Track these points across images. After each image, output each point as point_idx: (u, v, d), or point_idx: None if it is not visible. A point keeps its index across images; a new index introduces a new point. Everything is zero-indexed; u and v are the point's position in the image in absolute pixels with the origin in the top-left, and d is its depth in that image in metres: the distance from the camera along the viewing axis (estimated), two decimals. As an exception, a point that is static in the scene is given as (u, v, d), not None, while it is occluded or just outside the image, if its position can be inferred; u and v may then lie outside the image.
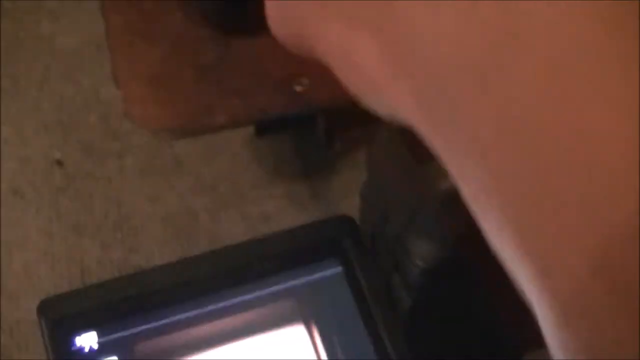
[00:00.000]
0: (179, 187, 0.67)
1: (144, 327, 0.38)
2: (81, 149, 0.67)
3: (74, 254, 0.64)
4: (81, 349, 0.38)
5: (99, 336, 0.38)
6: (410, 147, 0.37)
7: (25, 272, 0.63)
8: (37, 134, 0.68)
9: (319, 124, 0.60)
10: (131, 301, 0.39)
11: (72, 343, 0.38)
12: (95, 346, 0.38)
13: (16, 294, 0.61)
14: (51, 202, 0.66)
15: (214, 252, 0.40)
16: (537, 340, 0.40)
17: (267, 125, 0.62)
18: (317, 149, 0.66)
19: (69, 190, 0.66)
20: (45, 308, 0.39)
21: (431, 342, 0.38)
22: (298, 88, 0.51)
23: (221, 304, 0.39)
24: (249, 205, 0.65)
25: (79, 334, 0.38)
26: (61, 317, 0.39)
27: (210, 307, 0.38)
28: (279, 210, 0.65)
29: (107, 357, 0.38)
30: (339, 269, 0.39)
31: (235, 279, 0.39)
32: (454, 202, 0.36)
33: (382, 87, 0.28)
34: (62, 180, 0.67)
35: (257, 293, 0.39)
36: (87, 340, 0.38)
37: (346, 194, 0.61)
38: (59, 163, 0.67)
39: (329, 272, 0.39)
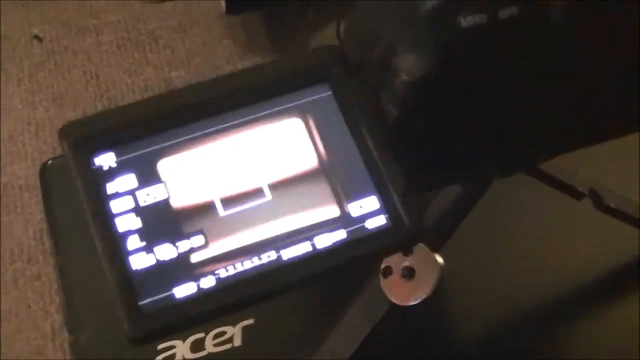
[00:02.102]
0: (155, 60, 0.70)
1: (157, 146, 0.42)
2: (59, 26, 0.70)
3: (56, 122, 0.67)
4: (100, 167, 0.42)
5: (117, 155, 0.42)
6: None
7: (10, 139, 0.65)
8: (15, 10, 0.70)
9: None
10: (146, 123, 0.42)
11: (92, 163, 0.42)
12: (114, 165, 0.42)
13: (3, 160, 0.64)
14: (32, 75, 0.68)
15: (215, 79, 0.44)
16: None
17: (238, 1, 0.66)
18: (288, 21, 0.69)
19: (48, 63, 0.69)
20: (67, 131, 0.42)
21: (420, 154, 0.43)
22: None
23: (221, 126, 0.42)
24: (223, 76, 0.69)
25: (98, 155, 0.42)
26: (81, 138, 0.42)
27: (213, 129, 0.42)
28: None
29: (124, 174, 0.41)
30: (328, 92, 0.43)
31: (240, 101, 0.43)
32: (439, 19, 0.40)
33: None
34: (41, 54, 0.69)
35: (254, 115, 0.42)
36: (106, 160, 0.42)
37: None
38: (38, 38, 0.69)
39: (320, 96, 0.43)
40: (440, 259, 0.52)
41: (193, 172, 0.42)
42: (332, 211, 0.42)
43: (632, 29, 0.41)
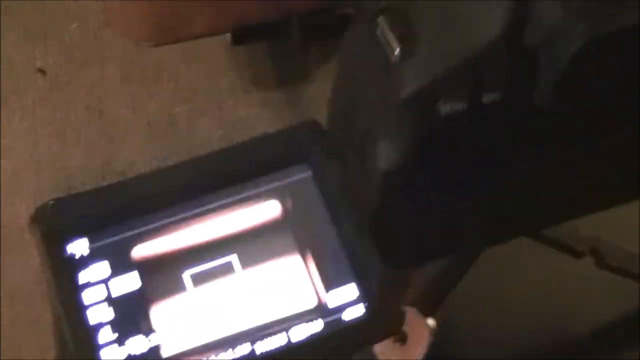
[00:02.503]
0: (159, 94, 0.69)
1: (131, 232, 0.41)
2: (63, 58, 0.69)
3: (58, 160, 0.66)
4: (72, 255, 0.41)
5: (90, 242, 0.41)
6: (380, 51, 0.39)
7: (11, 177, 0.65)
8: (19, 43, 0.69)
9: (294, 31, 0.62)
10: (121, 208, 0.41)
11: (64, 250, 0.41)
12: (86, 252, 0.41)
13: (3, 199, 0.63)
14: (34, 110, 0.68)
15: (191, 160, 0.43)
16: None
17: (244, 33, 0.64)
18: (292, 56, 0.67)
19: (51, 98, 0.68)
20: (38, 216, 0.41)
21: (397, 240, 0.41)
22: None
23: (198, 210, 0.41)
24: (225, 111, 0.68)
25: (70, 241, 0.41)
26: (52, 225, 0.41)
27: (189, 213, 0.41)
28: (254, 117, 0.67)
29: (97, 262, 0.41)
30: (308, 173, 0.42)
31: (210, 186, 0.42)
32: (416, 107, 0.38)
33: None
34: (44, 88, 0.68)
35: (232, 198, 0.41)
36: (79, 247, 0.41)
37: (320, 101, 0.63)
38: (41, 71, 0.69)
39: (299, 177, 0.42)
40: (432, 323, 0.51)
41: (167, 259, 0.41)
42: (310, 301, 0.41)
43: (621, 108, 0.39)
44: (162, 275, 0.40)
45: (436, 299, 0.51)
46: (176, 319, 0.40)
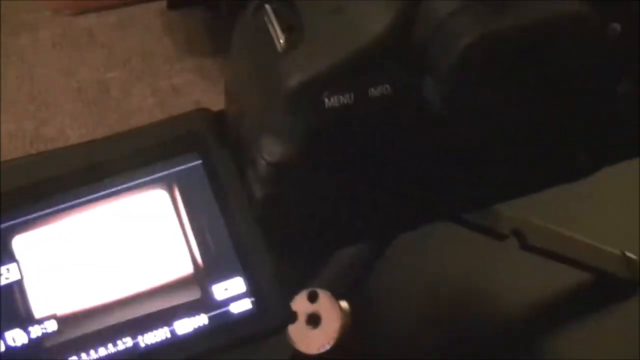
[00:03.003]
0: (92, 60, 0.67)
1: (12, 222, 0.40)
2: (-7, 22, 0.67)
3: (-13, 127, 0.65)
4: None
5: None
6: (268, 40, 0.38)
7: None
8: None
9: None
10: (6, 196, 0.40)
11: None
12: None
13: None
14: (-38, 75, 0.66)
15: (77, 146, 0.41)
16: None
17: (179, -1, 0.62)
18: (228, 24, 0.66)
19: (-19, 63, 0.67)
20: None
21: (287, 233, 0.40)
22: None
23: (90, 196, 0.40)
24: (159, 78, 0.66)
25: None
26: None
27: (73, 202, 0.40)
28: (188, 84, 0.66)
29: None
30: (197, 162, 0.41)
31: (101, 172, 0.40)
32: (301, 99, 0.37)
33: None
34: (-27, 53, 0.67)
35: (118, 186, 0.40)
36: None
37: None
38: (-30, 36, 0.67)
39: (188, 165, 0.40)
40: (346, 306, 0.50)
41: (49, 250, 0.39)
42: (193, 293, 0.39)
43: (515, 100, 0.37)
44: (44, 265, 0.39)
45: (350, 282, 0.50)
46: (57, 311, 0.39)
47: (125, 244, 0.40)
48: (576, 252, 0.53)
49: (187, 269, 0.40)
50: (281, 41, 0.37)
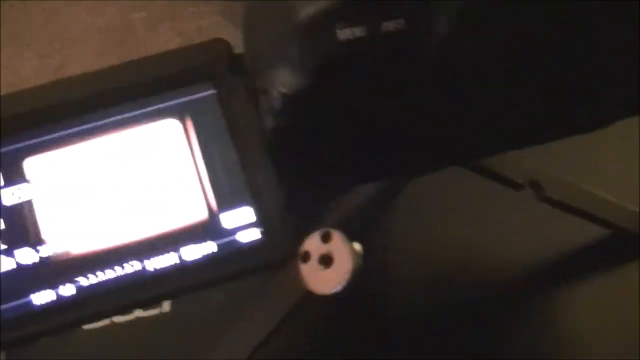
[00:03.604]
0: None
1: (26, 143, 0.40)
2: (21, -43, 0.67)
3: (12, 61, 0.65)
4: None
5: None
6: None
7: (-36, 79, 0.64)
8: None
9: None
10: (15, 118, 0.40)
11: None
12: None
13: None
14: (-9, 9, 0.66)
15: (95, 72, 0.41)
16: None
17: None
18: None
19: (8, -2, 0.67)
20: None
21: (297, 165, 0.40)
22: None
23: (102, 122, 0.40)
24: (185, 20, 0.66)
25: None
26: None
27: (87, 125, 0.40)
28: (215, 26, 0.65)
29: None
30: (212, 91, 0.40)
31: (115, 98, 0.40)
32: (314, 29, 0.37)
33: None
34: (2, -12, 0.67)
35: (133, 112, 0.40)
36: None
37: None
38: (0, -30, 0.67)
39: (202, 94, 0.40)
40: (358, 247, 0.50)
41: (61, 173, 0.40)
42: (202, 221, 0.39)
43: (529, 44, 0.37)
44: (54, 188, 0.40)
45: (363, 223, 0.50)
46: (66, 232, 0.39)
47: (136, 171, 0.40)
48: (593, 206, 0.53)
49: (197, 197, 0.40)
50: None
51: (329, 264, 0.50)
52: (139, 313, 0.57)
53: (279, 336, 0.51)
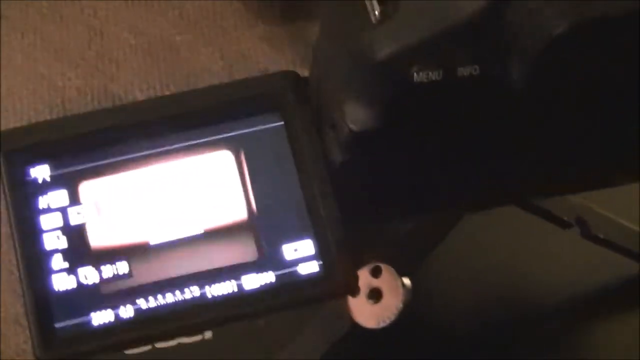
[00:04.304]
0: (162, 21, 0.68)
1: (93, 164, 0.40)
2: (68, -24, 0.68)
3: (55, 80, 0.65)
4: (34, 180, 0.40)
5: (51, 169, 0.40)
6: (361, 10, 0.38)
7: (7, 96, 0.64)
8: (25, -43, 0.68)
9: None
10: (85, 138, 0.41)
11: (26, 173, 0.40)
12: (48, 178, 0.40)
13: (-2, 116, 0.63)
14: (36, 28, 0.67)
15: (162, 97, 0.42)
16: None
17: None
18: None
19: (54, 17, 0.67)
20: (3, 139, 0.41)
21: (362, 199, 0.41)
22: None
23: (164, 148, 0.41)
24: (229, 43, 0.66)
25: (33, 166, 0.40)
26: (17, 148, 0.41)
27: (153, 151, 0.40)
28: (257, 51, 0.66)
29: (57, 189, 0.40)
30: (280, 123, 0.41)
31: (180, 125, 0.41)
32: (390, 70, 0.37)
33: None
34: (48, 7, 0.67)
35: (198, 140, 0.41)
36: (41, 172, 0.40)
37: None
38: (46, -12, 0.68)
39: (269, 126, 0.41)
40: (408, 283, 0.50)
41: (127, 195, 0.40)
42: (262, 252, 0.40)
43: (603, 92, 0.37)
44: (118, 211, 0.40)
45: (414, 258, 0.50)
46: (129, 255, 0.40)
47: (201, 199, 0.40)
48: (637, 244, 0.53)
49: (259, 228, 0.40)
50: (376, 12, 0.37)
51: (378, 299, 0.50)
52: (181, 339, 0.56)
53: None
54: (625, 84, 0.38)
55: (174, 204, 0.40)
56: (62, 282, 0.39)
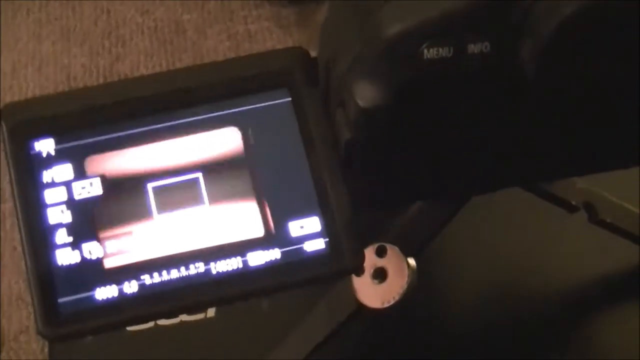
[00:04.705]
0: (169, 0, 0.67)
1: (98, 138, 0.40)
2: (75, -46, 0.68)
3: (61, 58, 0.65)
4: (38, 153, 0.40)
5: (56, 143, 0.40)
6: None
7: (12, 72, 0.64)
8: None
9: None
10: (90, 113, 0.40)
11: (30, 147, 0.40)
12: (52, 152, 0.40)
13: (2, 93, 0.63)
14: (42, 5, 0.66)
15: (169, 72, 0.41)
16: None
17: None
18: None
19: (60, -7, 0.67)
20: (7, 112, 0.40)
21: (371, 180, 0.40)
22: None
23: (171, 123, 0.40)
24: (235, 23, 0.66)
25: (37, 140, 0.40)
26: (21, 121, 0.40)
27: (160, 125, 0.40)
28: (264, 31, 0.66)
29: (61, 163, 0.40)
30: (287, 99, 0.40)
31: (187, 100, 0.40)
32: (400, 47, 0.37)
33: None
34: (54, -17, 0.67)
35: (206, 115, 0.40)
36: (45, 146, 0.40)
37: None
38: (53, -34, 0.67)
39: (277, 102, 0.40)
40: (413, 264, 0.50)
41: (131, 171, 0.40)
42: (268, 228, 0.39)
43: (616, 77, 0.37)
44: (123, 186, 0.40)
45: (420, 240, 0.50)
46: (134, 231, 0.39)
47: (205, 174, 0.40)
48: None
49: (265, 204, 0.40)
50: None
51: (383, 279, 0.50)
52: (184, 317, 0.56)
53: (328, 349, 0.50)
54: (635, 69, 0.37)
55: (180, 180, 0.40)
56: (65, 257, 0.39)
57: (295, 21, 0.65)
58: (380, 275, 0.50)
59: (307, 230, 0.39)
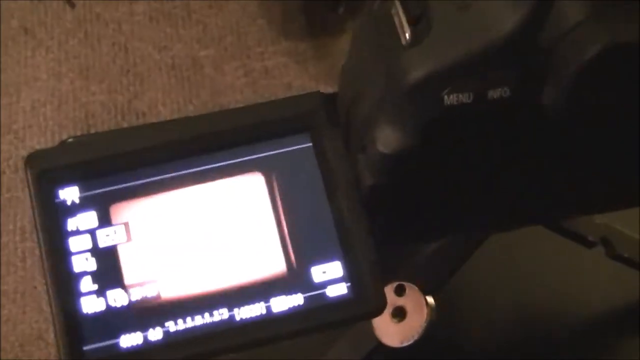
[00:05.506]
0: (186, 36, 0.68)
1: (122, 185, 0.40)
2: (93, -8, 0.68)
3: (80, 96, 0.66)
4: (63, 201, 0.40)
5: (81, 191, 0.41)
6: (393, 32, 0.38)
7: (32, 110, 0.65)
8: (50, -26, 0.69)
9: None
10: (115, 160, 0.41)
11: (55, 195, 0.41)
12: (77, 200, 0.40)
13: (22, 132, 0.63)
14: (61, 43, 0.67)
15: (191, 118, 0.42)
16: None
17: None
18: (323, 10, 0.66)
19: (79, 32, 0.68)
20: (32, 160, 0.41)
21: (392, 221, 0.40)
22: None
23: (195, 169, 0.41)
24: (252, 60, 0.67)
25: (62, 188, 0.41)
26: (46, 169, 0.41)
27: (184, 172, 0.40)
28: (280, 67, 0.66)
29: (86, 211, 0.40)
30: (308, 144, 0.41)
31: (209, 146, 0.41)
32: (421, 93, 0.37)
33: None
34: (72, 21, 0.68)
35: (229, 161, 0.41)
36: (70, 194, 0.40)
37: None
38: (70, 3, 0.68)
39: (298, 147, 0.41)
40: (432, 302, 0.50)
41: (155, 218, 0.40)
42: (292, 273, 0.40)
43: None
44: (148, 232, 0.40)
45: (438, 278, 0.50)
46: (158, 278, 0.40)
47: (230, 220, 0.40)
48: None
49: (288, 250, 0.40)
50: (407, 34, 0.37)
51: (402, 317, 0.50)
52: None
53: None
54: None
55: (204, 226, 0.40)
56: (91, 305, 0.39)
57: (311, 56, 0.66)
58: (399, 314, 0.50)
59: (330, 275, 0.40)
